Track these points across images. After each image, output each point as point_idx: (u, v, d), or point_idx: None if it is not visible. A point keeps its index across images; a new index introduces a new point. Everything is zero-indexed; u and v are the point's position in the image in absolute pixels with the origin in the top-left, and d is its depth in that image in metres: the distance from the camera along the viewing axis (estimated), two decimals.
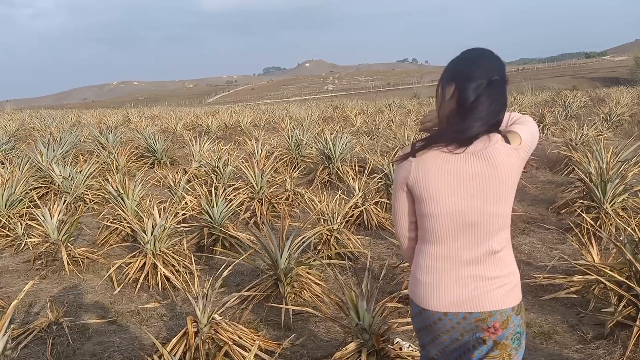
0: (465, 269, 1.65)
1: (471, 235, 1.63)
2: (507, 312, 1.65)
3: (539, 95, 23.68)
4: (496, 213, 1.62)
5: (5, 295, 4.23)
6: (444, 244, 1.66)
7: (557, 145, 9.10)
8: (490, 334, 1.66)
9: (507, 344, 1.67)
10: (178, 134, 14.65)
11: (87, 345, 3.45)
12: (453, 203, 1.61)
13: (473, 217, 1.61)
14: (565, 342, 3.28)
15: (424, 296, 1.71)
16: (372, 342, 2.88)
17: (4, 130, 14.51)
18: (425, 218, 1.67)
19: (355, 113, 18.01)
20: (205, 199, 5.45)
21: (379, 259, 4.96)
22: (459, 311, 1.65)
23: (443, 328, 1.70)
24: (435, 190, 1.61)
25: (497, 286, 1.65)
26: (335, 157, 8.17)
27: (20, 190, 6.31)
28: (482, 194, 1.59)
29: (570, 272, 4.08)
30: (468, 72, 1.60)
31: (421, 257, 1.74)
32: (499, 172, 1.58)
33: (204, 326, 3.14)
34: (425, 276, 1.71)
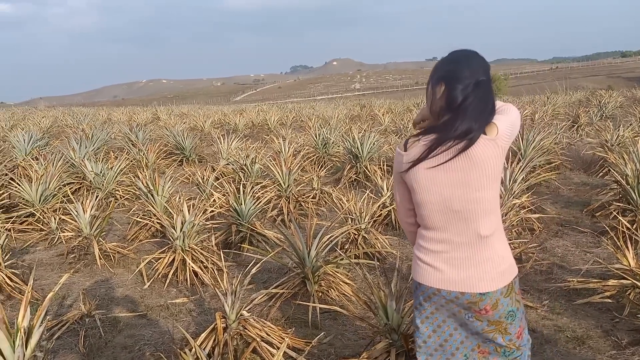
0: (457, 252, 1.79)
1: (459, 221, 1.77)
2: (496, 295, 1.78)
3: (573, 95, 23.13)
4: (479, 200, 1.74)
5: (39, 288, 4.33)
6: (437, 229, 1.82)
7: (592, 147, 8.86)
8: (482, 315, 1.80)
9: (500, 321, 1.81)
10: (206, 132, 14.80)
11: (118, 338, 3.51)
12: (439, 192, 1.75)
13: (457, 204, 1.74)
14: (599, 347, 3.20)
15: (421, 272, 1.87)
16: (401, 342, 2.86)
17: (38, 127, 14.91)
18: (419, 206, 1.83)
19: (383, 112, 17.91)
20: (233, 196, 5.49)
21: (407, 259, 4.91)
22: (451, 290, 1.79)
23: (438, 303, 1.85)
24: (422, 181, 1.76)
25: (486, 270, 1.78)
26: (363, 156, 8.13)
27: (54, 186, 6.46)
28: (463, 183, 1.72)
29: (605, 276, 3.98)
30: (456, 73, 1.73)
31: (420, 240, 1.90)
32: (476, 162, 1.69)
33: (233, 322, 3.16)
34: (423, 255, 1.87)
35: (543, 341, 3.27)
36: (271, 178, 7.00)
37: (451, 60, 1.79)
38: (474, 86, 1.71)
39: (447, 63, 1.79)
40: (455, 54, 1.80)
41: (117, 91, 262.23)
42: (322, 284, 4.03)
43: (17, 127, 15.87)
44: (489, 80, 1.75)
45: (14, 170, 7.89)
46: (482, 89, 1.72)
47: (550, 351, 3.13)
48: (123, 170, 7.63)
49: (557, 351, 3.10)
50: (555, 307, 3.72)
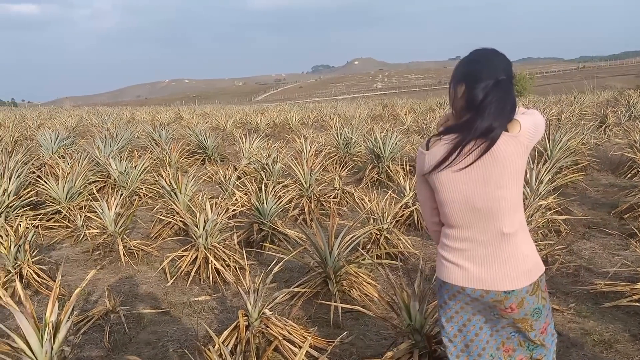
0: (481, 249, 1.80)
1: (481, 219, 1.78)
2: (521, 293, 1.77)
3: (600, 94, 22.68)
4: (501, 197, 1.74)
5: (65, 284, 4.41)
6: (461, 227, 1.82)
7: (620, 147, 8.67)
8: (507, 313, 1.80)
9: (526, 319, 1.82)
10: (228, 131, 14.90)
11: (142, 334, 3.55)
12: (461, 190, 1.76)
13: (479, 202, 1.75)
14: (627, 352, 3.13)
15: (445, 270, 1.88)
16: (425, 344, 2.83)
17: (64, 126, 15.19)
18: (442, 204, 1.85)
19: (405, 111, 17.83)
20: (255, 195, 5.51)
21: (430, 260, 4.87)
22: (476, 288, 1.80)
23: (462, 301, 1.86)
24: (444, 179, 1.78)
25: (511, 268, 1.77)
26: (385, 156, 8.09)
27: (80, 184, 6.57)
28: (485, 181, 1.73)
29: (633, 280, 3.90)
30: (476, 73, 1.74)
31: (444, 238, 1.91)
32: (498, 160, 1.70)
33: (255, 320, 3.17)
34: (447, 254, 1.88)
35: (569, 344, 3.21)
36: (293, 177, 7.01)
37: (471, 60, 1.82)
38: (494, 85, 1.71)
39: (467, 63, 1.82)
40: (475, 54, 1.82)
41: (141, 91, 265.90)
42: (344, 284, 4.02)
43: (44, 126, 16.20)
44: (509, 79, 1.76)
45: (41, 169, 8.05)
46: (501, 87, 1.72)
47: (577, 355, 3.07)
48: (146, 168, 7.72)
49: (584, 355, 3.04)
50: (582, 310, 3.65)
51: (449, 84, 1.86)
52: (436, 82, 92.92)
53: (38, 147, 10.48)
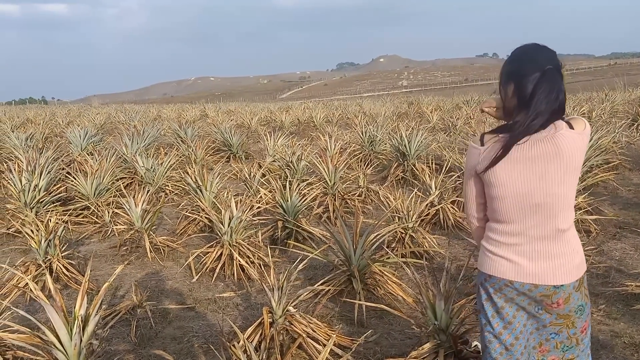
0: (533, 245, 1.81)
1: (538, 215, 1.78)
2: (569, 289, 1.80)
3: (632, 92, 22.09)
4: (560, 194, 1.76)
5: (93, 279, 4.49)
6: (513, 222, 1.83)
7: None
8: (552, 308, 1.83)
9: (569, 315, 1.84)
10: (253, 129, 14.99)
11: (168, 329, 3.60)
12: (520, 186, 1.77)
13: (539, 198, 1.76)
14: None
15: (492, 264, 1.88)
16: (450, 344, 2.79)
17: (92, 124, 15.49)
18: (494, 200, 1.85)
19: (431, 109, 17.64)
20: (280, 193, 5.52)
21: (455, 259, 4.81)
22: (525, 282, 1.81)
23: (507, 296, 1.86)
24: (502, 175, 1.78)
25: (562, 263, 1.80)
26: (411, 154, 8.01)
27: (108, 180, 6.69)
28: (546, 177, 1.74)
29: None
30: (521, 69, 1.78)
31: (491, 234, 1.91)
32: (563, 156, 1.71)
33: (279, 317, 3.17)
34: (494, 248, 1.88)
35: (599, 347, 3.14)
36: (317, 175, 7.00)
37: (514, 59, 1.85)
38: (541, 76, 1.73)
39: (511, 62, 1.85)
40: (516, 52, 1.85)
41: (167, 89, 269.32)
42: (368, 282, 4.00)
43: (74, 123, 16.55)
44: (556, 68, 1.76)
45: (70, 165, 8.23)
46: (549, 76, 1.73)
47: (607, 357, 3.01)
48: (172, 165, 7.83)
49: (614, 357, 2.97)
50: (612, 312, 3.56)
51: (499, 86, 1.90)
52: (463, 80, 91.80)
53: (67, 144, 10.72)
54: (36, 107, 37.51)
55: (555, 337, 1.88)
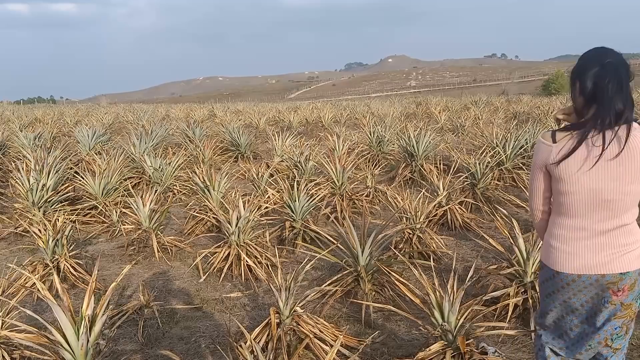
0: (598, 238, 1.90)
1: (606, 210, 1.87)
2: (634, 275, 1.89)
3: None
4: (630, 192, 1.84)
5: (100, 278, 4.50)
6: (580, 217, 1.91)
7: None
8: (618, 297, 1.90)
9: (632, 304, 1.93)
10: (261, 129, 14.99)
11: (175, 329, 3.59)
12: (591, 183, 1.84)
13: (609, 195, 1.84)
14: None
15: (558, 260, 1.97)
16: (457, 345, 2.77)
17: (100, 123, 15.53)
18: (562, 195, 1.92)
19: (439, 110, 17.58)
20: (288, 193, 5.50)
21: (463, 260, 4.78)
22: (592, 274, 1.90)
23: (575, 289, 1.95)
24: (573, 171, 1.85)
25: (627, 252, 1.89)
26: (419, 155, 7.98)
27: (116, 180, 6.70)
28: (618, 175, 1.81)
29: None
30: (582, 67, 1.88)
31: (556, 228, 1.99)
32: (633, 153, 1.77)
33: (286, 318, 3.16)
34: (560, 244, 1.97)
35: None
36: (325, 175, 6.98)
37: (579, 61, 1.94)
38: (601, 68, 1.81)
39: (576, 64, 1.94)
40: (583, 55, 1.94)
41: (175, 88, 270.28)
42: (376, 283, 3.98)
43: (82, 122, 16.62)
44: (617, 61, 1.82)
45: (78, 164, 8.26)
46: (609, 68, 1.80)
47: None
48: (180, 165, 7.83)
49: None
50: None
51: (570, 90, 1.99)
52: (471, 80, 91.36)
53: (75, 143, 10.77)
54: (44, 106, 37.78)
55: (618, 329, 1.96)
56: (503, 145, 7.91)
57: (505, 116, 16.29)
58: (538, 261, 3.57)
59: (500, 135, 8.54)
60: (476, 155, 7.34)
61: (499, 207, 5.44)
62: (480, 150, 7.88)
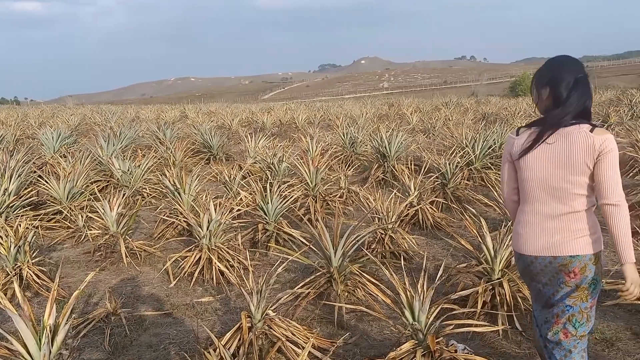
0: (551, 222, 2.14)
1: (556, 197, 2.13)
2: (585, 259, 2.11)
3: (603, 94, 22.57)
4: (576, 182, 2.08)
5: (65, 286, 4.37)
6: (536, 202, 2.18)
7: (622, 146, 8.58)
8: (570, 278, 2.12)
9: (585, 287, 2.13)
10: (234, 130, 14.86)
11: (143, 336, 3.51)
12: (541, 171, 2.13)
13: (556, 182, 2.11)
14: (629, 349, 3.13)
15: (521, 244, 2.24)
16: (427, 343, 2.78)
17: (66, 125, 15.11)
18: (523, 182, 2.22)
19: (411, 111, 17.74)
20: (260, 195, 5.46)
21: (434, 259, 4.82)
22: (546, 255, 2.15)
23: (535, 269, 2.22)
24: (530, 160, 2.15)
25: (578, 237, 2.11)
26: (391, 156, 8.02)
27: (82, 183, 6.52)
28: (564, 166, 2.08)
29: None
30: (558, 77, 2.13)
31: (520, 214, 2.28)
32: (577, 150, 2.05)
33: (258, 321, 3.12)
34: (522, 229, 2.24)
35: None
36: (298, 177, 6.95)
37: (551, 67, 2.20)
38: (574, 83, 2.10)
39: (549, 70, 2.19)
40: (553, 61, 2.21)
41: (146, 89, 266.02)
42: (348, 284, 3.97)
43: (46, 124, 16.17)
44: (586, 76, 2.14)
45: (42, 168, 8.03)
46: (581, 84, 2.10)
47: None
48: (150, 168, 7.68)
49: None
50: None
51: (531, 88, 2.28)
52: (442, 82, 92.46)
53: (39, 146, 10.47)
54: (8, 107, 36.67)
55: (569, 309, 2.17)
56: (472, 145, 8.02)
57: (475, 117, 16.53)
58: (505, 259, 3.63)
59: (469, 136, 8.65)
60: (446, 156, 7.42)
61: (468, 207, 5.52)
62: (450, 151, 7.97)
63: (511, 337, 3.30)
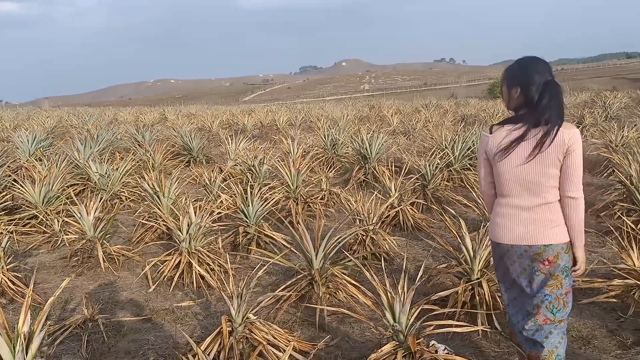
0: (526, 213, 2.28)
1: (530, 190, 2.26)
2: (557, 248, 2.25)
3: (578, 96, 22.98)
4: (549, 174, 2.22)
5: (41, 292, 4.28)
6: (512, 196, 2.31)
7: (596, 147, 8.80)
8: (545, 266, 2.26)
9: (558, 275, 2.27)
10: (214, 132, 14.76)
11: (121, 342, 3.45)
12: (517, 166, 2.24)
13: (531, 176, 2.23)
14: (605, 347, 3.18)
15: (498, 233, 2.37)
16: (408, 344, 2.78)
17: (42, 128, 14.80)
18: (499, 177, 2.33)
19: (391, 113, 17.82)
20: (241, 197, 5.42)
21: (414, 260, 4.84)
22: (522, 244, 2.28)
23: (511, 258, 2.34)
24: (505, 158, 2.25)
25: (551, 227, 2.25)
26: (372, 157, 8.05)
27: (58, 187, 6.39)
28: (537, 160, 2.20)
29: (609, 276, 3.92)
30: (529, 78, 2.23)
31: (497, 207, 2.40)
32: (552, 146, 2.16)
33: (239, 325, 3.10)
34: (499, 219, 2.37)
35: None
36: (279, 179, 6.93)
37: (521, 67, 2.29)
38: (545, 85, 2.20)
39: (519, 70, 2.30)
40: (523, 62, 2.30)
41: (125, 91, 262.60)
42: (330, 286, 3.97)
43: (21, 127, 15.84)
44: (554, 78, 2.24)
45: (17, 172, 7.87)
46: (550, 86, 2.20)
47: None
48: (129, 171, 7.57)
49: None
50: None
51: (501, 87, 2.37)
52: (422, 84, 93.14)
53: (14, 149, 10.26)
54: None
55: (548, 297, 2.29)
56: (452, 147, 8.09)
57: (454, 119, 16.68)
58: (484, 259, 3.66)
59: (449, 138, 8.72)
60: (426, 157, 7.47)
61: (448, 207, 5.56)
62: (430, 152, 8.03)
63: (490, 337, 3.33)
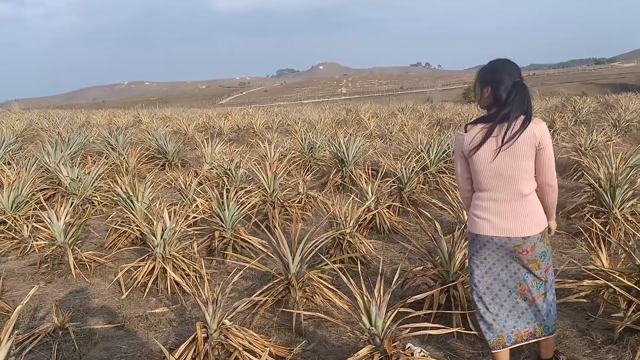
0: (504, 206, 2.46)
1: (506, 183, 2.43)
2: (534, 239, 2.46)
3: (549, 100, 23.44)
4: (521, 167, 2.40)
5: (10, 300, 4.16)
6: (489, 190, 2.48)
7: (566, 150, 8.99)
8: (523, 255, 2.49)
9: (536, 259, 2.51)
10: (190, 135, 14.58)
11: (93, 351, 3.37)
12: (491, 161, 2.42)
13: (505, 170, 2.41)
14: (575, 346, 3.23)
15: (477, 225, 2.53)
16: (384, 347, 2.78)
17: (11, 130, 14.40)
18: (475, 173, 2.50)
19: (368, 116, 17.87)
20: (217, 201, 5.36)
21: (391, 263, 4.85)
22: (501, 236, 2.46)
23: (490, 249, 2.52)
24: (480, 153, 2.43)
25: (528, 219, 2.45)
26: (349, 161, 8.06)
27: (27, 192, 6.22)
28: (511, 153, 2.38)
29: (579, 277, 3.98)
30: (499, 78, 2.43)
31: (476, 200, 2.56)
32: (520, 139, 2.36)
33: (214, 332, 3.06)
34: (478, 212, 2.53)
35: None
36: (256, 183, 6.88)
37: (492, 68, 2.48)
38: (513, 85, 2.40)
39: (490, 71, 2.48)
40: (495, 63, 2.49)
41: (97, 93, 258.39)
42: (307, 290, 3.94)
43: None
44: (522, 80, 2.45)
45: None
46: (518, 86, 2.40)
47: (528, 350, 3.09)
48: (101, 175, 7.42)
49: (535, 350, 3.05)
50: None
51: (474, 86, 2.54)
52: (398, 88, 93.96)
53: None
54: None
55: (528, 276, 2.53)
56: (427, 150, 8.15)
57: (430, 122, 16.82)
58: (460, 261, 3.69)
59: (424, 141, 8.79)
60: (402, 160, 7.50)
61: (423, 210, 5.59)
62: (406, 156, 8.07)
63: (465, 338, 3.34)
